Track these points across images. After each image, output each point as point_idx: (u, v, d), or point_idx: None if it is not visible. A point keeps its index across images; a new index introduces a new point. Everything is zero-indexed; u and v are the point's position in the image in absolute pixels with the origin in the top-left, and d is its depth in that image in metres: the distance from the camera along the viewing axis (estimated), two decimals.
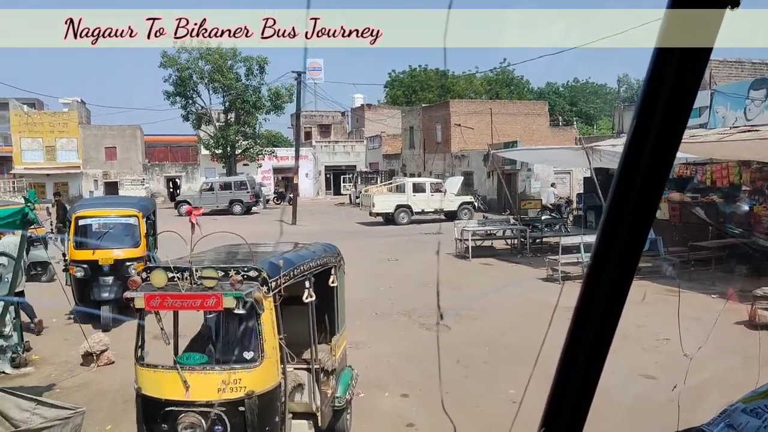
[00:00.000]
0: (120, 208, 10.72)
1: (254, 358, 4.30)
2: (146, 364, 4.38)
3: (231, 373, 4.16)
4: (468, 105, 41.47)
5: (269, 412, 4.27)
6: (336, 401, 5.45)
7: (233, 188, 35.68)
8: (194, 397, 4.10)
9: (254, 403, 4.11)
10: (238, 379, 4.13)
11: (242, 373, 4.17)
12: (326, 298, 5.49)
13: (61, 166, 43.36)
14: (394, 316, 11.19)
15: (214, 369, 4.26)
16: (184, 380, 4.09)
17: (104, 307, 9.72)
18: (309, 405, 5.05)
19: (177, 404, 4.11)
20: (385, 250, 19.59)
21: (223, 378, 4.13)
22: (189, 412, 4.07)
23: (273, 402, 4.31)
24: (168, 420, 4.11)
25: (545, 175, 32.11)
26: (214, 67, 37.77)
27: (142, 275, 4.36)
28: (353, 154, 53.49)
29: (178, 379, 4.10)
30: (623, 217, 0.86)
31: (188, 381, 4.09)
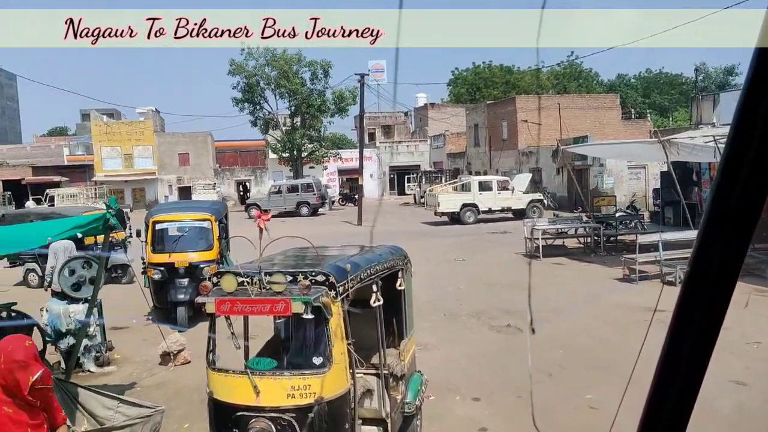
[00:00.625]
0: (194, 213, 11.05)
1: (323, 363, 4.26)
2: (217, 369, 4.40)
3: (300, 378, 4.14)
4: (535, 101, 40.58)
5: (339, 418, 4.24)
6: (406, 407, 5.38)
7: (300, 190, 36.24)
8: (264, 402, 4.09)
9: (324, 409, 4.08)
10: (308, 385, 4.10)
11: (311, 378, 4.14)
12: (394, 302, 5.42)
13: (138, 173, 45.31)
14: (463, 317, 11.03)
15: (284, 374, 4.25)
16: (254, 385, 4.09)
17: (180, 308, 10.02)
18: (378, 411, 4.99)
19: (247, 409, 4.11)
20: (451, 250, 19.40)
21: (293, 383, 4.12)
22: (259, 418, 4.06)
23: (342, 408, 4.27)
24: (239, 425, 4.12)
25: (618, 170, 31.08)
26: (280, 73, 38.48)
27: (213, 280, 4.42)
28: (417, 154, 53.34)
29: (249, 385, 4.10)
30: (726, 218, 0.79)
31: (258, 386, 4.09)
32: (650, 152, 16.69)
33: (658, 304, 7.61)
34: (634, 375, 5.46)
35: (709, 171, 20.40)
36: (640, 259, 13.79)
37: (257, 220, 4.44)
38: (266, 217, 4.48)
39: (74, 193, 33.44)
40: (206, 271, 10.24)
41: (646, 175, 31.52)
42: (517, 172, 36.49)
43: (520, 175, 32.47)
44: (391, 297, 5.27)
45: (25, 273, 14.37)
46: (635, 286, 13.39)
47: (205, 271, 10.23)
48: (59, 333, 7.46)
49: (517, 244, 19.51)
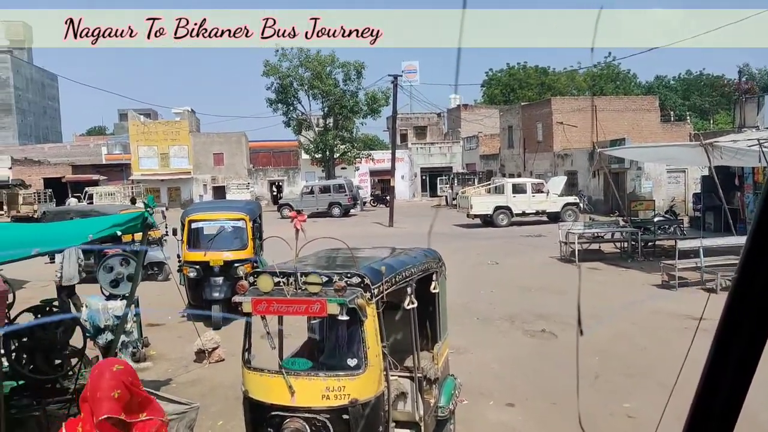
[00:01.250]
0: (229, 212, 11.16)
1: (358, 365, 4.27)
2: (253, 368, 4.40)
3: (335, 379, 4.15)
4: (571, 102, 40.09)
5: (373, 420, 4.23)
6: (439, 411, 5.36)
7: (332, 191, 36.38)
8: (299, 402, 4.11)
9: (358, 411, 4.09)
10: (342, 386, 4.11)
11: (346, 380, 4.15)
12: (428, 305, 5.39)
13: (174, 172, 46.08)
14: (496, 321, 10.90)
15: (319, 375, 4.25)
16: (289, 385, 4.10)
17: (215, 306, 10.11)
18: (412, 414, 4.97)
19: (282, 409, 4.13)
20: (484, 252, 19.23)
21: (328, 384, 4.13)
22: (294, 418, 4.08)
23: (377, 410, 4.27)
24: (273, 424, 4.14)
25: (657, 174, 30.42)
26: (313, 74, 38.70)
27: (249, 279, 4.44)
28: (449, 156, 53.09)
29: (284, 384, 4.12)
30: None
31: (293, 386, 4.10)
32: (691, 156, 16.28)
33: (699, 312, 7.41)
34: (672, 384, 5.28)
35: (752, 175, 19.85)
36: (680, 266, 13.48)
37: (293, 221, 4.48)
38: (302, 218, 4.55)
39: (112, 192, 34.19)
40: (241, 270, 10.34)
41: (686, 179, 30.82)
42: (552, 174, 36.06)
43: (556, 178, 32.06)
44: (425, 300, 5.25)
45: None
46: (674, 293, 13.08)
47: (239, 270, 10.33)
48: (98, 328, 7.58)
49: (552, 248, 19.25)
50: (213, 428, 6.31)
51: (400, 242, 10.91)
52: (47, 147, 53.73)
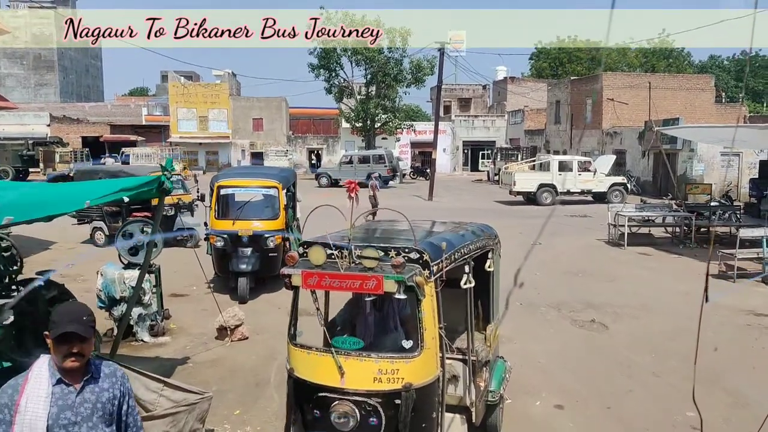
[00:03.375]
0: (260, 179, 10.51)
1: (413, 347, 3.95)
2: (299, 345, 4.08)
3: (389, 362, 3.85)
4: (623, 78, 38.39)
5: (427, 406, 3.95)
6: (489, 395, 5.02)
7: (371, 162, 35.68)
8: (349, 385, 3.83)
9: (411, 397, 3.78)
10: (396, 369, 3.82)
11: (400, 363, 3.85)
12: (481, 283, 5.00)
13: (213, 136, 45.81)
14: (542, 308, 10.14)
15: (371, 356, 3.90)
16: (339, 366, 3.84)
17: (241, 278, 9.57)
18: (463, 399, 4.69)
19: (330, 390, 3.85)
20: (527, 232, 18.29)
21: (380, 367, 3.84)
22: (343, 401, 3.81)
23: (431, 396, 3.98)
24: (320, 406, 3.89)
25: (710, 156, 28.94)
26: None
27: (300, 251, 4.15)
28: (493, 129, 51.83)
29: (333, 364, 3.84)
30: None
31: (343, 367, 3.84)
32: (759, 139, 15.05)
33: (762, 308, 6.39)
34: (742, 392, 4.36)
35: None
36: (740, 256, 12.46)
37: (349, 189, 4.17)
38: (356, 187, 4.22)
39: (149, 153, 33.99)
40: (271, 242, 9.78)
41: (740, 163, 29.33)
42: (599, 153, 34.82)
43: (604, 157, 30.80)
44: (479, 278, 4.87)
45: (92, 231, 14.36)
46: (733, 285, 12.11)
47: (269, 242, 9.76)
48: (113, 299, 7.11)
49: (598, 230, 18.31)
50: (229, 419, 5.75)
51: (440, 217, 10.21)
52: (88, 106, 53.97)
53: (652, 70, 56.09)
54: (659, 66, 61.30)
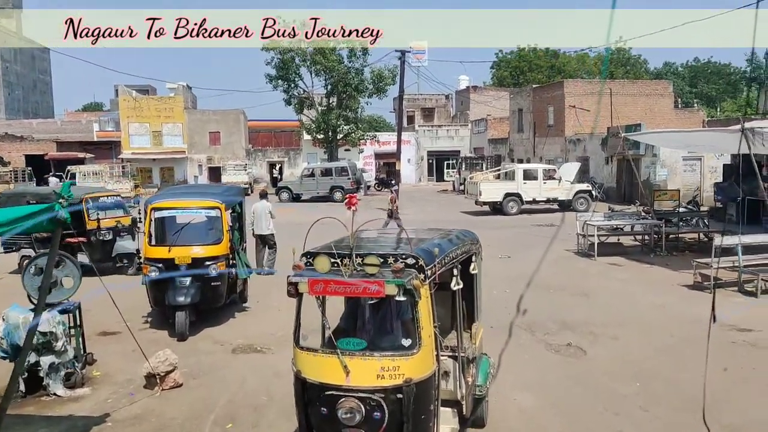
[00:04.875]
0: (200, 199, 9.44)
1: (412, 345, 4.30)
2: (305, 348, 4.42)
3: (390, 360, 4.18)
4: (584, 85, 38.34)
5: (425, 399, 4.27)
6: (477, 390, 5.36)
7: (334, 174, 34.73)
8: (354, 382, 4.14)
9: (412, 391, 4.12)
10: (397, 366, 4.15)
11: (401, 360, 4.18)
12: (466, 285, 5.23)
13: (167, 151, 44.12)
14: (514, 330, 9.33)
15: (374, 355, 4.25)
16: (344, 365, 4.15)
17: (179, 312, 8.54)
18: (454, 393, 5.03)
19: (336, 389, 4.16)
20: (495, 244, 17.60)
21: (383, 364, 4.16)
22: (349, 398, 4.12)
23: (429, 390, 4.30)
24: (327, 404, 4.17)
25: (673, 161, 28.88)
26: (316, 49, 36.75)
27: (303, 260, 4.43)
28: (457, 139, 51.46)
29: (338, 364, 4.16)
30: None
31: (348, 366, 4.14)
32: (726, 143, 14.61)
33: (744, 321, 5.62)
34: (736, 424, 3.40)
35: None
36: (716, 265, 11.90)
37: (347, 203, 4.63)
38: (356, 201, 4.63)
39: (98, 171, 32.22)
40: (213, 269, 8.80)
41: (702, 167, 29.33)
42: (563, 160, 34.61)
43: (568, 164, 30.50)
44: (464, 280, 5.11)
45: (20, 260, 13.01)
46: (710, 296, 11.47)
47: (211, 269, 8.77)
48: (17, 348, 6.02)
49: (567, 240, 17.71)
50: None
51: None
52: (35, 122, 51.35)
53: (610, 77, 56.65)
54: (617, 73, 62.09)
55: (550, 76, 58.33)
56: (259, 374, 7.34)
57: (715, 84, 67.32)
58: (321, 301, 4.55)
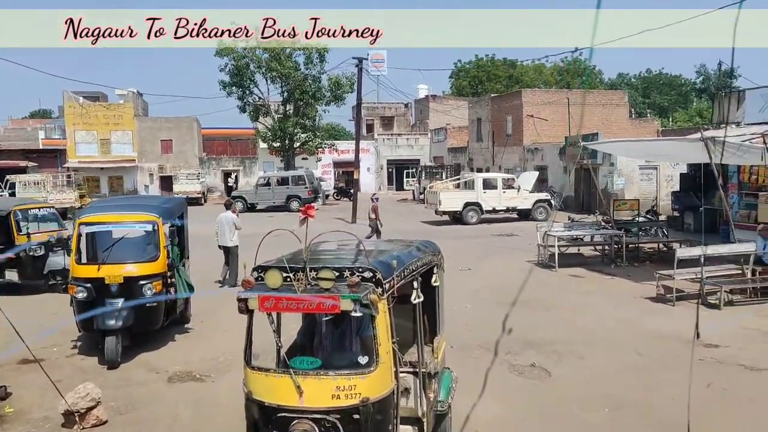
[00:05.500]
0: (134, 212, 8.62)
1: (369, 362, 4.12)
2: (256, 368, 4.21)
3: (346, 378, 4.02)
4: (541, 95, 38.52)
5: (384, 419, 4.13)
6: (439, 405, 5.18)
7: (290, 183, 33.92)
8: (308, 403, 3.98)
9: (369, 411, 3.99)
10: (353, 385, 3.99)
11: (357, 379, 4.02)
12: (427, 297, 5.07)
13: (116, 160, 42.46)
14: (475, 351, 8.85)
15: (329, 374, 4.07)
16: (297, 385, 3.98)
17: (109, 338, 7.73)
18: (414, 410, 4.82)
19: (289, 410, 4.00)
20: (455, 255, 17.09)
21: (338, 384, 4.00)
22: (302, 419, 3.95)
23: (387, 409, 4.17)
24: (280, 427, 3.99)
25: (629, 170, 29.05)
26: (271, 55, 35.90)
27: (254, 275, 4.23)
28: (417, 148, 51.20)
29: (291, 384, 3.99)
30: None
31: (302, 386, 3.98)
32: (687, 152, 14.50)
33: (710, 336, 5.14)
34: None
35: (738, 174, 18.19)
36: (679, 276, 11.66)
37: (304, 213, 4.32)
38: (312, 210, 4.35)
39: (39, 180, 30.57)
40: (148, 290, 8.02)
41: (658, 176, 29.60)
42: (521, 169, 34.57)
43: (527, 173, 30.41)
44: (425, 293, 4.93)
45: None
46: (673, 308, 11.28)
47: (146, 289, 8.00)
48: None
49: (527, 250, 17.41)
50: None
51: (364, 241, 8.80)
52: None
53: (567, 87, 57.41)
54: (573, 83, 62.92)
55: (508, 85, 58.76)
56: (195, 407, 6.63)
57: (667, 95, 68.91)
58: (273, 318, 4.34)
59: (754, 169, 17.03)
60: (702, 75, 66.56)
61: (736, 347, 8.79)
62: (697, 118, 55.05)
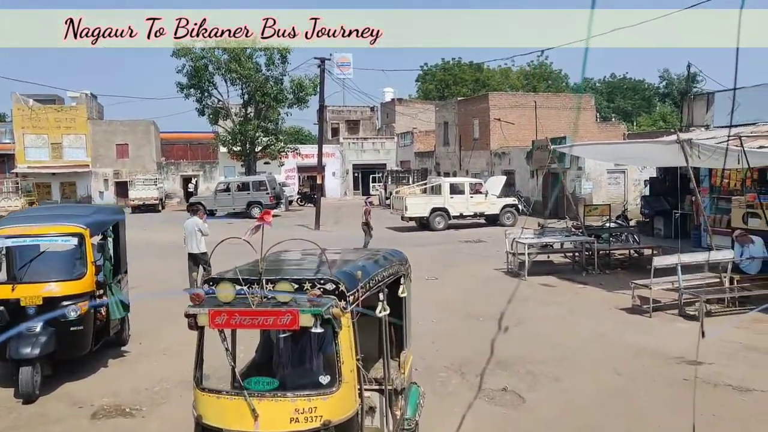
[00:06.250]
0: (57, 224, 7.59)
1: (331, 382, 3.83)
2: (207, 389, 3.87)
3: (305, 400, 3.72)
4: (508, 98, 38.24)
5: None
6: (405, 423, 4.94)
7: (251, 189, 32.87)
8: (264, 428, 3.68)
9: None
10: (314, 407, 3.69)
11: (318, 400, 3.72)
12: (394, 309, 4.80)
13: (69, 165, 40.94)
14: (441, 374, 8.08)
15: (287, 396, 3.76)
16: (252, 408, 3.67)
17: (24, 368, 6.72)
18: (380, 430, 4.59)
19: None
20: (421, 262, 16.38)
21: (297, 406, 3.70)
22: None
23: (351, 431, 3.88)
24: None
25: (597, 174, 28.83)
26: (231, 56, 34.79)
27: (205, 288, 3.90)
28: (383, 152, 50.55)
29: (245, 408, 3.67)
30: None
31: (257, 409, 3.67)
32: (662, 155, 14.03)
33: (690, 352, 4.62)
34: None
35: (709, 178, 17.85)
36: (656, 286, 11.10)
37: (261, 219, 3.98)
38: (269, 216, 4.04)
39: None
40: (72, 311, 7.05)
41: (626, 180, 29.44)
42: (489, 174, 34.18)
43: (494, 178, 29.98)
44: (391, 304, 4.68)
45: None
46: (650, 320, 10.72)
47: (70, 311, 7.02)
48: None
49: (496, 257, 16.84)
50: None
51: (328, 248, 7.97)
52: None
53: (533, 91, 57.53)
54: (539, 87, 63.14)
55: (474, 89, 58.64)
56: None
57: (631, 99, 69.69)
58: (226, 335, 4.05)
59: (726, 173, 16.68)
60: (665, 80, 67.60)
61: (720, 364, 8.18)
62: (660, 123, 55.67)
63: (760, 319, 10.12)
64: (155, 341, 9.44)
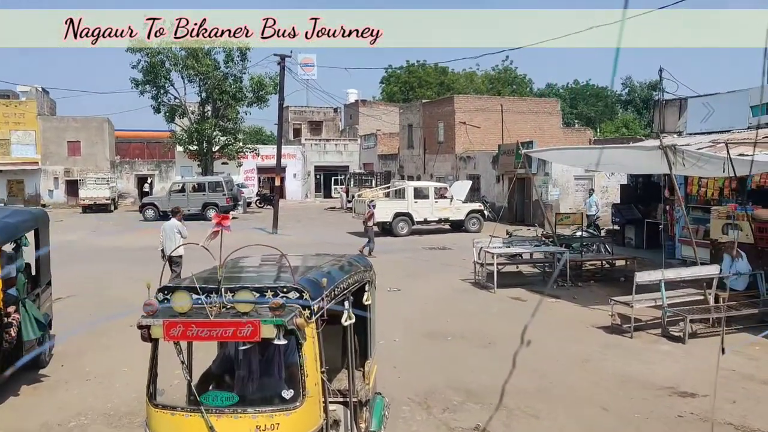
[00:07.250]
0: None
1: (294, 397, 3.64)
2: (161, 405, 3.65)
3: (267, 416, 3.52)
4: (474, 101, 37.50)
5: None
6: None
7: (207, 190, 31.41)
8: None
9: None
10: (276, 424, 3.50)
11: (281, 416, 3.52)
12: (358, 318, 4.47)
13: (16, 162, 38.77)
14: (403, 407, 7.03)
15: (247, 412, 3.55)
16: (210, 426, 3.46)
17: None
18: None
19: None
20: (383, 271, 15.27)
21: (258, 423, 3.50)
22: None
23: None
24: None
25: (564, 180, 28.21)
26: (188, 52, 33.27)
27: (159, 297, 3.68)
28: (346, 154, 49.43)
29: (202, 425, 3.47)
30: None
31: (215, 427, 3.46)
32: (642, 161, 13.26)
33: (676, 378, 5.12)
34: None
35: (685, 186, 17.20)
36: (637, 304, 10.27)
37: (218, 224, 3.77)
38: (227, 221, 3.80)
39: None
40: None
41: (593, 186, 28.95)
42: (454, 178, 33.36)
43: (459, 182, 29.16)
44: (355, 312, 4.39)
45: None
46: (632, 341, 9.88)
47: None
48: None
49: (462, 266, 15.95)
50: None
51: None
52: None
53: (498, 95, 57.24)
54: (504, 91, 62.94)
55: (439, 92, 58.03)
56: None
57: (594, 106, 70.12)
58: (181, 347, 3.84)
59: (703, 181, 16.06)
60: (627, 87, 68.28)
61: (718, 396, 7.31)
62: (623, 129, 55.87)
63: (750, 341, 9.34)
64: (80, 363, 8.25)
